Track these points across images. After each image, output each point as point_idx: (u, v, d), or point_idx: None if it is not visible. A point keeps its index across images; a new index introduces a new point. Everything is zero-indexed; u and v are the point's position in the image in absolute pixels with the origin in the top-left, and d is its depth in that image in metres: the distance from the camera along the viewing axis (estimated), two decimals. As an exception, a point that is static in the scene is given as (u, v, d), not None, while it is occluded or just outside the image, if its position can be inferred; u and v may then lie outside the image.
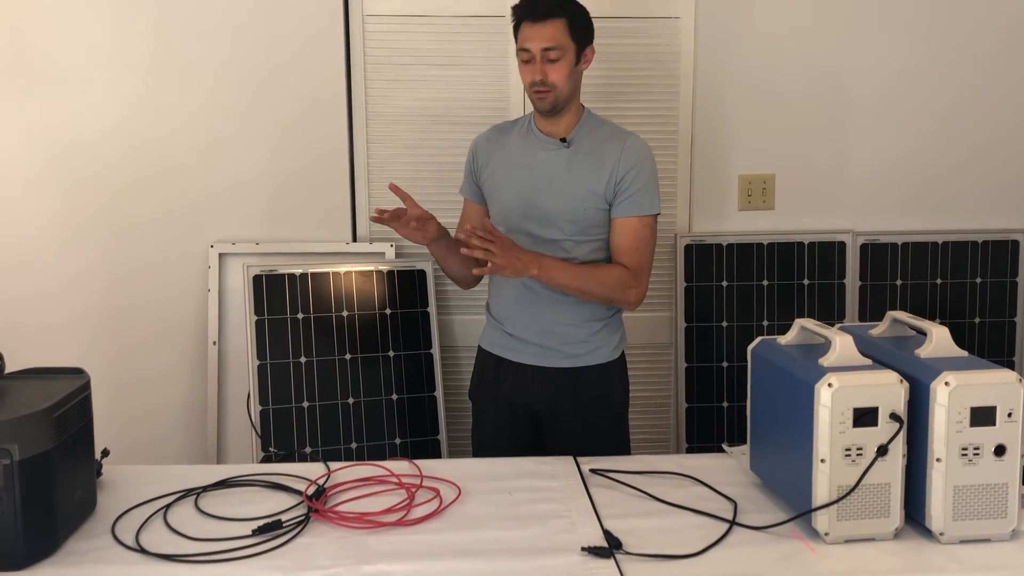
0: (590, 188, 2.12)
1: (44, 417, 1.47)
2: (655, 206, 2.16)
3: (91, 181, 2.78)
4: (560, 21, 2.07)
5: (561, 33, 2.08)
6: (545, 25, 2.07)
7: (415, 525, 1.63)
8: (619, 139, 2.16)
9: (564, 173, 2.15)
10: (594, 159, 2.14)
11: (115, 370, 2.81)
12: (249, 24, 2.77)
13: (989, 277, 3.04)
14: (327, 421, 2.68)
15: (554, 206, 2.14)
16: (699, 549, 1.53)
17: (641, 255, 2.14)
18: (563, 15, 2.08)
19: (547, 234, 2.15)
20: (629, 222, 2.13)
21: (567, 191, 2.14)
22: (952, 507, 1.51)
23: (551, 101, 2.11)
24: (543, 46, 2.07)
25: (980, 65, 3.00)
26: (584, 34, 2.13)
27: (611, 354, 2.22)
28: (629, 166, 2.12)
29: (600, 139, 2.17)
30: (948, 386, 1.48)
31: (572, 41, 2.09)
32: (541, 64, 2.08)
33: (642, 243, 2.14)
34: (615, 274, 2.12)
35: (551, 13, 2.07)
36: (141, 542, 1.57)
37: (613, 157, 2.13)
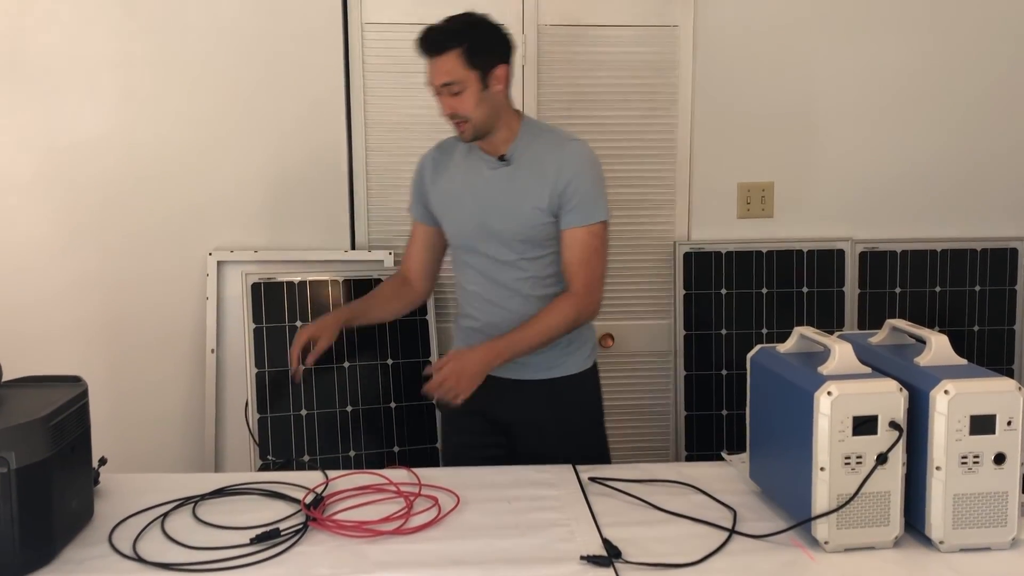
0: (534, 204, 2.07)
1: (41, 425, 1.47)
2: (601, 213, 2.09)
3: (88, 189, 2.78)
4: (455, 52, 2.00)
5: (457, 66, 2.00)
6: (440, 60, 2.01)
7: (413, 534, 1.63)
8: (558, 148, 2.09)
9: (507, 191, 2.09)
10: (535, 173, 2.07)
11: (113, 378, 2.81)
12: (248, 32, 2.77)
13: (988, 285, 3.04)
14: (325, 429, 2.67)
15: (503, 226, 2.10)
16: (698, 558, 1.53)
17: (591, 268, 2.08)
18: (458, 45, 2.00)
19: (502, 255, 2.12)
20: (575, 234, 2.07)
21: (512, 210, 2.09)
22: (952, 515, 1.51)
23: (470, 132, 2.07)
24: (440, 81, 2.03)
25: (979, 74, 3.01)
26: (488, 57, 2.03)
27: (585, 362, 2.20)
28: (570, 176, 2.05)
29: (539, 151, 2.09)
30: (948, 394, 1.48)
31: (472, 70, 2.01)
32: (444, 98, 2.04)
33: (591, 254, 2.08)
34: (563, 311, 2.06)
35: (444, 47, 2.00)
36: (138, 551, 1.56)
37: (553, 168, 2.06)
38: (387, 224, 2.88)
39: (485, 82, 2.03)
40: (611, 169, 2.93)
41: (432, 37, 2.03)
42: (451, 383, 1.97)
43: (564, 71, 2.88)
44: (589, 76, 2.89)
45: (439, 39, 2.02)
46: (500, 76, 2.06)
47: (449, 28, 2.04)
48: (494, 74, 2.04)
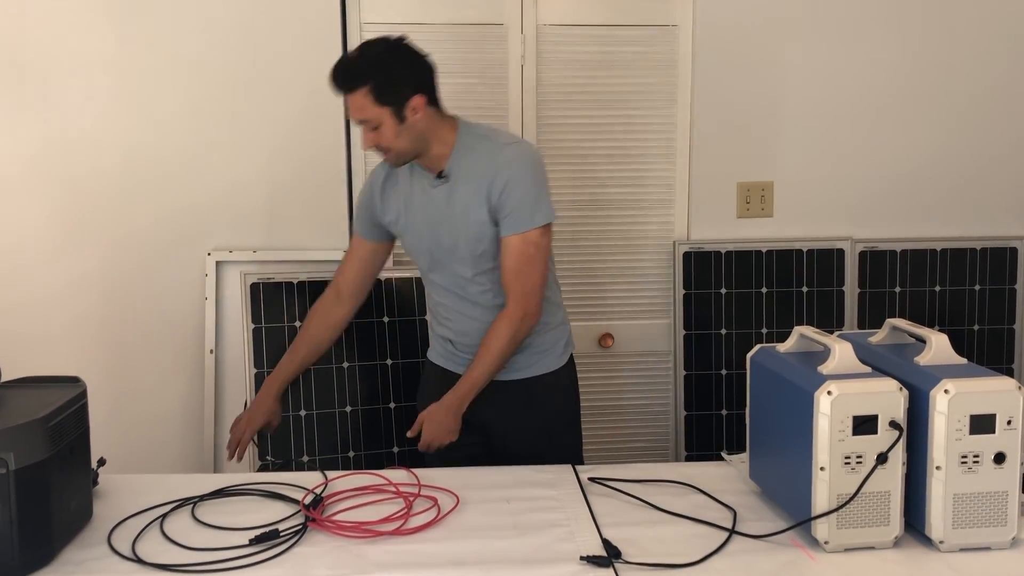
0: (476, 218, 2.04)
1: (40, 426, 1.46)
2: (537, 218, 2.02)
3: (87, 190, 2.78)
4: (364, 90, 1.95)
5: (367, 103, 1.96)
6: (351, 98, 1.98)
7: (413, 534, 1.63)
8: (492, 156, 2.03)
9: (450, 208, 2.07)
10: (472, 186, 2.04)
11: (112, 379, 2.80)
12: (246, 32, 2.77)
13: (988, 284, 3.04)
14: (324, 430, 2.67)
15: (453, 244, 2.09)
16: (698, 558, 1.53)
17: (524, 277, 2.03)
18: (365, 83, 1.95)
19: (461, 271, 2.11)
20: (511, 242, 2.02)
21: (458, 227, 2.07)
22: (952, 515, 1.51)
23: (395, 160, 2.07)
24: (355, 119, 2.02)
25: (979, 73, 3.01)
26: (397, 93, 1.97)
27: (558, 361, 2.19)
28: (502, 184, 2.00)
29: (474, 162, 2.04)
30: (948, 394, 1.48)
31: (383, 106, 1.97)
32: (365, 132, 2.01)
33: (525, 264, 2.03)
34: (501, 335, 2.05)
35: (351, 86, 1.97)
36: (137, 552, 1.56)
37: (487, 178, 2.01)
38: (386, 224, 2.88)
39: (400, 116, 1.99)
40: (610, 169, 2.94)
41: (340, 74, 1.99)
42: (437, 441, 2.05)
43: (563, 70, 2.88)
44: (588, 75, 2.89)
45: (346, 77, 1.98)
46: (417, 106, 2.00)
47: (355, 66, 1.99)
48: (409, 106, 1.99)
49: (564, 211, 2.94)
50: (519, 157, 2.04)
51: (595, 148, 2.92)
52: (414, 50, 2.05)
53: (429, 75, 2.05)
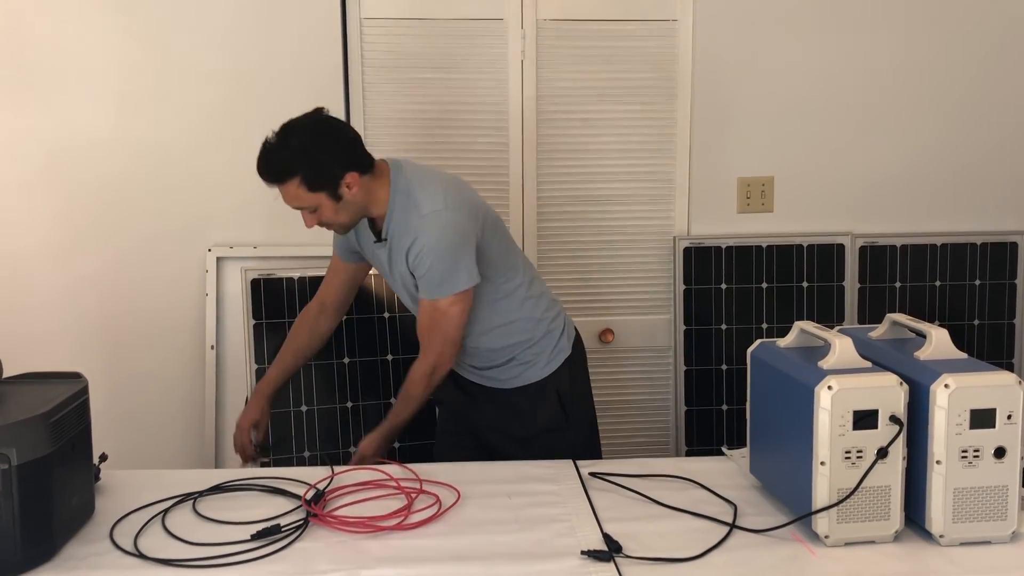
0: (407, 279, 2.06)
1: (42, 422, 1.47)
2: (443, 290, 2.00)
3: (88, 186, 2.78)
4: (294, 182, 1.93)
5: (300, 192, 1.94)
6: (283, 188, 1.96)
7: (414, 529, 1.63)
8: (411, 221, 2.00)
9: (389, 268, 2.10)
10: (400, 250, 2.03)
11: (113, 374, 2.81)
12: (246, 28, 2.77)
13: (988, 279, 3.04)
14: (326, 425, 2.67)
15: (406, 295, 2.14)
16: (699, 552, 1.53)
17: (433, 337, 2.06)
18: (294, 175, 1.93)
19: (414, 306, 2.14)
20: (422, 303, 2.05)
21: (397, 285, 2.12)
22: (952, 509, 1.51)
23: (342, 231, 2.08)
24: (291, 205, 2.00)
25: (978, 68, 3.00)
26: (328, 178, 1.94)
27: (543, 370, 2.17)
28: (416, 251, 1.99)
29: (401, 228, 2.02)
30: (948, 388, 1.48)
31: (315, 192, 1.95)
32: (305, 215, 2.01)
33: (432, 327, 2.05)
34: (419, 375, 2.09)
35: (281, 179, 1.94)
36: (139, 547, 1.56)
37: (406, 246, 2.01)
38: (387, 220, 2.88)
39: (336, 196, 1.97)
40: (610, 164, 2.95)
41: (267, 169, 1.96)
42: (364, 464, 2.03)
43: (563, 66, 2.88)
44: (588, 71, 2.89)
45: (273, 172, 1.95)
46: (351, 182, 1.97)
47: (281, 159, 1.94)
48: (343, 184, 1.96)
49: (564, 207, 2.94)
50: (432, 227, 1.98)
51: (595, 143, 2.92)
52: (336, 125, 2.02)
53: (355, 147, 2.02)
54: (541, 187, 2.91)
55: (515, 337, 2.15)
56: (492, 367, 2.18)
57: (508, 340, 2.15)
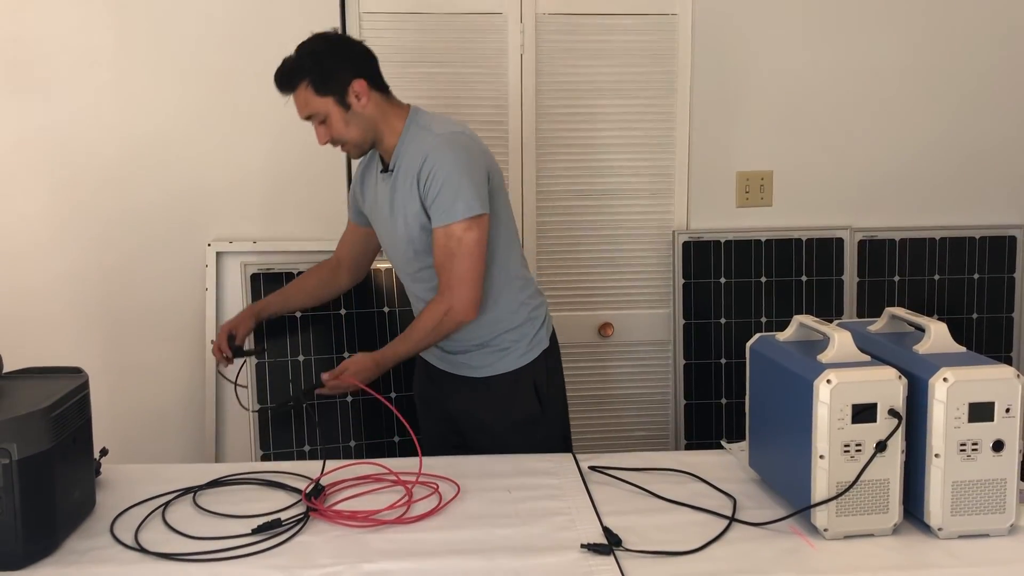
0: (411, 210, 2.02)
1: (43, 416, 1.47)
2: (456, 210, 1.95)
3: (87, 180, 2.78)
4: (303, 85, 2.00)
5: (310, 97, 2.01)
6: (295, 96, 2.02)
7: (414, 523, 1.63)
8: (424, 144, 2.00)
9: (391, 202, 2.07)
10: (408, 178, 2.01)
11: (113, 369, 2.81)
12: (246, 22, 2.76)
13: (987, 273, 3.04)
14: (325, 419, 2.67)
15: (396, 237, 2.09)
16: (698, 545, 1.53)
17: (449, 272, 1.99)
18: (303, 78, 2.00)
19: (406, 268, 2.14)
20: (435, 234, 2.00)
21: (397, 220, 2.07)
22: (950, 503, 1.51)
23: (354, 151, 2.09)
24: (302, 116, 2.04)
25: (978, 62, 3.00)
26: (336, 80, 2.00)
27: (519, 360, 2.14)
28: (427, 172, 1.96)
29: (413, 152, 2.02)
30: (947, 382, 1.49)
31: (324, 96, 2.00)
32: (317, 128, 2.05)
33: (447, 259, 1.98)
34: (426, 317, 2.05)
35: (292, 85, 2.02)
36: (140, 541, 1.57)
37: (416, 168, 1.99)
38: (386, 214, 2.88)
39: (344, 103, 2.01)
40: (609, 158, 2.94)
41: (281, 77, 2.04)
42: (345, 378, 2.06)
43: (563, 60, 2.88)
44: (588, 65, 2.89)
45: (286, 78, 2.03)
46: (359, 91, 2.01)
47: (294, 63, 2.03)
48: (351, 91, 2.01)
49: (563, 201, 2.94)
50: (445, 144, 1.98)
51: (594, 137, 2.92)
52: (349, 39, 2.09)
53: (367, 60, 2.07)
54: (540, 181, 2.91)
55: (495, 315, 2.10)
56: (465, 351, 2.15)
57: (487, 316, 2.09)
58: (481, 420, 2.18)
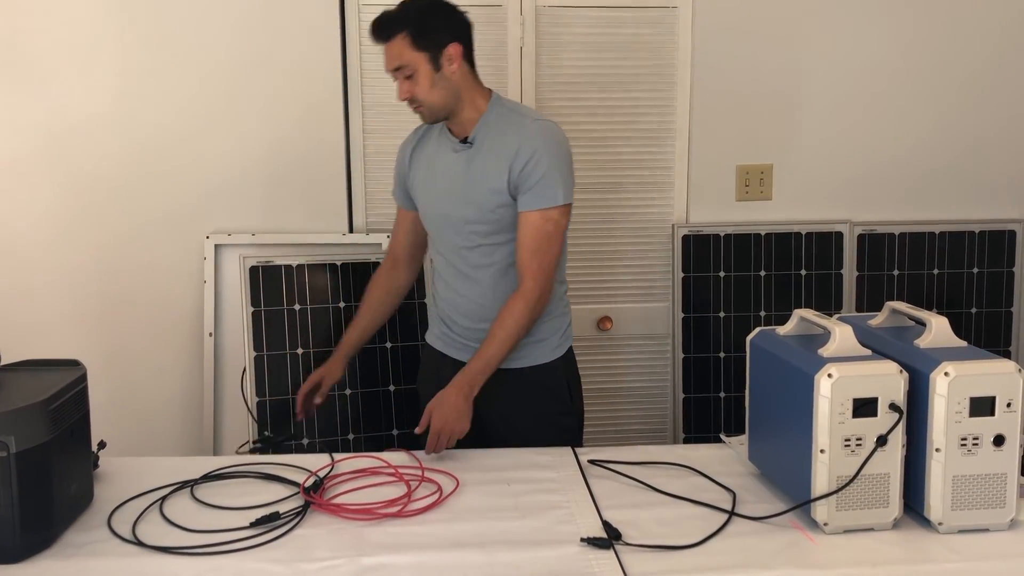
0: (491, 186, 2.02)
1: (41, 409, 1.46)
2: (558, 196, 2.00)
3: (85, 172, 2.77)
4: (401, 36, 1.98)
5: (405, 49, 1.98)
6: (389, 45, 2.00)
7: (413, 516, 1.63)
8: (520, 128, 2.03)
9: (466, 174, 2.06)
10: (495, 155, 2.03)
11: (111, 362, 2.80)
12: (245, 15, 2.75)
13: (986, 267, 3.04)
14: (324, 412, 2.67)
15: (463, 211, 2.07)
16: (698, 540, 1.53)
17: (542, 255, 2.01)
18: (403, 28, 1.98)
19: (462, 241, 2.10)
20: (529, 217, 2.00)
21: (472, 194, 2.05)
22: (951, 497, 1.51)
23: (428, 115, 2.07)
24: (391, 66, 2.02)
25: (977, 56, 3.00)
26: (435, 38, 2.00)
27: (552, 353, 2.14)
28: (527, 156, 1.98)
29: (501, 131, 2.04)
30: (948, 376, 1.48)
31: (420, 52, 1.99)
32: (401, 82, 2.02)
33: (543, 241, 2.00)
34: (515, 315, 2.01)
35: (390, 32, 1.99)
36: (138, 534, 1.56)
37: (511, 148, 2.00)
38: (385, 207, 2.87)
39: (436, 63, 2.00)
40: (609, 151, 2.94)
41: (380, 23, 2.02)
42: (448, 429, 1.92)
43: (563, 52, 2.87)
44: (588, 58, 2.88)
45: (385, 25, 2.00)
46: (453, 55, 2.01)
47: (396, 13, 2.01)
48: (446, 54, 2.00)
49: (563, 194, 2.93)
50: (548, 133, 2.03)
51: (594, 130, 2.91)
52: (453, 4, 2.08)
53: (466, 29, 2.08)
54: (540, 174, 2.90)
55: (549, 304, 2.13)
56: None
57: None
58: (508, 414, 2.13)
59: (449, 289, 2.17)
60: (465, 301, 2.14)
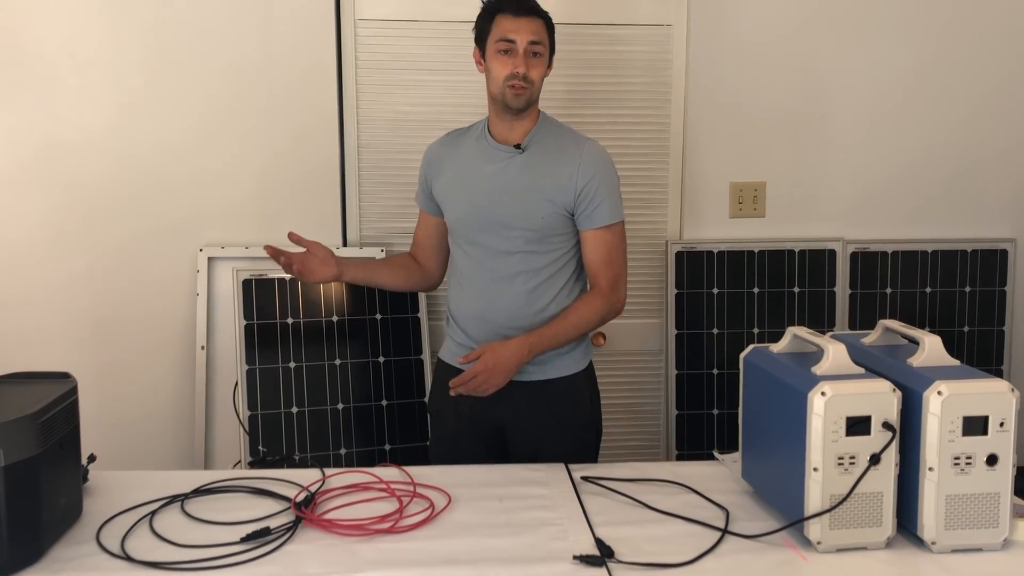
0: (547, 196, 2.07)
1: (30, 422, 1.45)
2: (621, 212, 2.13)
3: (79, 183, 2.76)
4: (540, 21, 2.10)
5: (542, 32, 2.09)
6: (531, 20, 2.08)
7: (405, 533, 1.62)
8: (577, 145, 2.12)
9: (519, 181, 2.10)
10: (550, 166, 2.09)
11: (102, 375, 2.79)
12: (240, 28, 2.76)
13: (978, 286, 3.05)
14: (316, 426, 2.66)
15: (510, 215, 2.09)
16: (691, 558, 1.53)
17: (616, 266, 2.13)
18: (542, 17, 2.11)
19: (503, 245, 2.10)
20: (599, 234, 2.10)
21: (523, 199, 2.09)
22: (944, 516, 1.51)
23: (527, 98, 2.09)
24: (530, 39, 2.06)
25: (970, 75, 3.02)
26: (553, 43, 2.15)
27: (577, 365, 2.18)
28: (590, 175, 2.08)
29: (557, 145, 2.12)
30: (941, 395, 1.48)
31: (550, 43, 2.13)
32: (525, 57, 2.06)
33: (615, 252, 2.12)
34: (594, 306, 2.09)
35: (535, 10, 2.09)
36: (127, 549, 1.55)
37: (572, 165, 2.08)
38: (379, 221, 2.87)
39: (550, 61, 2.14)
40: (604, 168, 2.93)
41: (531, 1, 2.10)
42: (483, 378, 1.99)
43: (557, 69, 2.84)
44: (582, 75, 2.89)
45: (530, 3, 2.10)
46: (552, 66, 2.16)
47: (537, 3, 2.11)
48: (552, 60, 2.15)
49: (557, 209, 2.94)
50: (604, 153, 2.15)
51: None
52: None
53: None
54: (534, 190, 2.90)
55: None
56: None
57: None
58: (532, 427, 2.14)
59: (480, 298, 2.14)
60: (496, 309, 2.12)
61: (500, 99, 2.09)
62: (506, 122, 2.13)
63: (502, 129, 2.14)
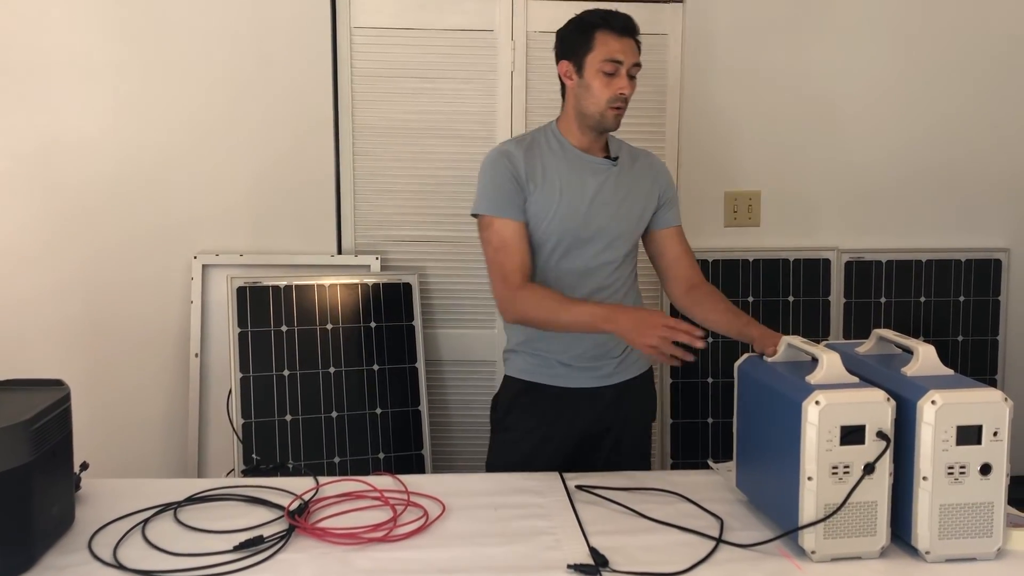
0: (644, 204, 2.14)
1: (23, 430, 1.45)
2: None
3: (74, 189, 2.76)
4: (637, 43, 2.08)
5: (638, 56, 2.08)
6: (634, 42, 2.07)
7: (399, 541, 1.62)
8: (645, 154, 2.22)
9: (617, 193, 2.11)
10: (641, 176, 2.16)
11: (96, 382, 2.78)
12: (236, 36, 2.76)
13: (972, 295, 3.06)
14: (310, 435, 2.65)
15: (614, 228, 2.10)
16: (685, 567, 1.52)
17: (693, 256, 2.23)
18: (638, 38, 2.09)
19: (598, 259, 2.09)
20: (678, 230, 2.20)
21: (624, 211, 2.11)
22: (938, 526, 1.51)
23: (620, 120, 2.08)
24: (635, 61, 2.05)
25: (964, 84, 3.03)
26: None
27: (644, 365, 2.23)
28: (666, 179, 2.20)
29: (631, 155, 2.19)
30: (935, 405, 1.48)
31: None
32: (624, 80, 2.04)
33: (688, 252, 2.23)
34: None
35: (636, 33, 2.08)
36: (119, 558, 1.54)
37: (652, 172, 2.18)
38: (374, 229, 2.87)
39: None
40: (599, 176, 2.94)
41: (629, 20, 2.07)
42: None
43: (553, 77, 2.86)
44: (578, 83, 2.89)
45: (633, 24, 2.08)
46: None
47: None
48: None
49: (552, 218, 2.94)
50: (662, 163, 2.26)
51: (584, 155, 2.92)
52: None
53: None
54: (529, 198, 2.90)
55: None
56: (608, 357, 2.14)
57: None
58: (615, 427, 2.16)
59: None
60: None
61: (598, 118, 2.05)
62: (588, 136, 2.11)
63: (584, 142, 2.11)
